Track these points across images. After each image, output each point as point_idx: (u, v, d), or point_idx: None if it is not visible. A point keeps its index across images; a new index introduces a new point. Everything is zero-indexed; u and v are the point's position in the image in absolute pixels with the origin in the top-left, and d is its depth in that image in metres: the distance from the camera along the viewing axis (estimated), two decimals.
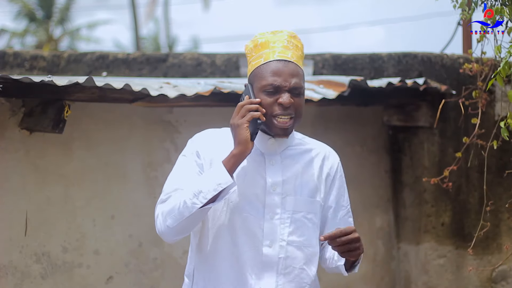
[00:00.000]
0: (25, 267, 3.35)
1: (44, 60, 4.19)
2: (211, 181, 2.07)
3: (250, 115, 2.11)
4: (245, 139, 2.09)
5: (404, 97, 3.88)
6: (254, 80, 2.18)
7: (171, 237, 2.14)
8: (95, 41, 23.23)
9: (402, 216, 4.14)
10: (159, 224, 2.12)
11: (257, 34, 2.23)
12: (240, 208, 2.16)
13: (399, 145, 4.16)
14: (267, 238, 2.16)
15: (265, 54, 2.17)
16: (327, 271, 2.36)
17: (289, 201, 2.19)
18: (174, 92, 3.23)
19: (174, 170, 2.20)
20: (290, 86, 2.15)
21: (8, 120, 3.30)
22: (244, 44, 2.27)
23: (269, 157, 2.21)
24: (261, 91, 2.15)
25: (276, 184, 2.18)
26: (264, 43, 2.19)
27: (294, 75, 2.16)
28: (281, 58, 2.16)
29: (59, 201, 3.47)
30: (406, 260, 4.13)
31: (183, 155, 2.21)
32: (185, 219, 2.07)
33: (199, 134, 2.25)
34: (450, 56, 3.96)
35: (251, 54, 2.21)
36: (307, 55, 4.24)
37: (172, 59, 4.27)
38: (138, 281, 3.64)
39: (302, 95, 2.20)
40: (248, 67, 2.23)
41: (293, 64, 2.18)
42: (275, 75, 2.14)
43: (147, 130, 3.73)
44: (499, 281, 3.84)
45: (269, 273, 2.16)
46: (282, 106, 2.14)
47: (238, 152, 2.09)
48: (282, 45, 2.18)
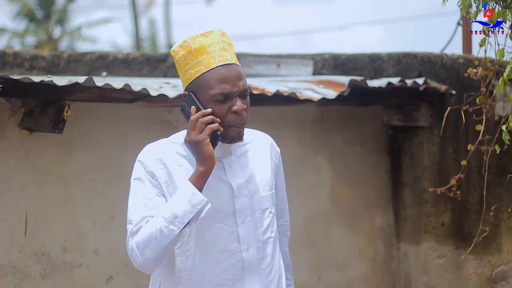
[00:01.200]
0: (25, 267, 3.35)
1: (44, 60, 4.19)
2: (185, 204, 2.00)
3: (209, 128, 2.04)
4: (210, 154, 2.03)
5: (404, 97, 3.88)
6: (198, 89, 2.09)
7: (151, 268, 2.09)
8: (93, 41, 23.22)
9: (402, 216, 4.14)
10: (137, 258, 2.05)
11: (187, 39, 2.13)
12: (210, 220, 2.10)
13: (399, 145, 4.16)
14: (244, 243, 2.14)
15: (204, 61, 2.08)
16: None
17: (255, 200, 2.17)
18: (174, 92, 3.23)
19: (133, 197, 2.11)
20: (240, 90, 2.08)
21: (8, 120, 3.29)
22: (172, 49, 2.17)
23: (226, 161, 2.16)
24: (210, 101, 2.07)
25: (241, 186, 2.15)
26: (199, 49, 2.09)
27: (240, 77, 2.09)
28: (224, 63, 2.08)
29: (59, 201, 3.46)
30: (406, 260, 4.13)
31: (136, 178, 2.12)
32: (164, 248, 2.02)
33: (144, 153, 2.16)
34: (450, 56, 3.96)
35: (185, 61, 2.12)
36: (307, 55, 4.24)
37: (172, 59, 4.27)
38: (138, 281, 3.64)
39: (247, 95, 2.13)
40: (184, 75, 2.14)
41: (235, 65, 2.11)
42: (223, 82, 2.06)
43: (147, 130, 3.72)
44: (499, 281, 3.84)
45: (252, 276, 2.15)
46: (236, 114, 2.08)
47: (205, 169, 2.03)
48: (218, 47, 2.10)
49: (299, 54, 4.25)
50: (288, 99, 3.43)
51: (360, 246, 4.20)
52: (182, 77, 2.17)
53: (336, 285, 4.07)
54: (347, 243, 4.14)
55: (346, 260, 4.16)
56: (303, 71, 4.17)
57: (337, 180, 4.15)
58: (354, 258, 4.19)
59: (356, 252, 4.20)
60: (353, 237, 4.18)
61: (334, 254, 4.12)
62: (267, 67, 4.15)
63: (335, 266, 4.10)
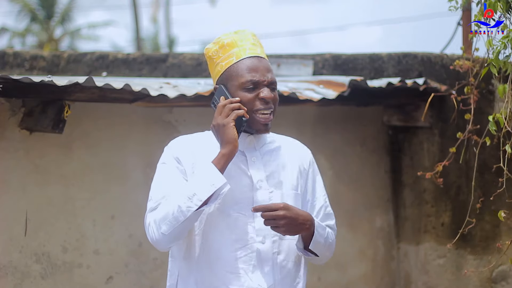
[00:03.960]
0: (25, 267, 3.35)
1: (44, 60, 4.19)
2: (204, 183, 2.05)
3: (234, 113, 2.11)
4: (233, 137, 2.09)
5: (404, 97, 3.88)
6: (228, 79, 2.18)
7: (166, 244, 2.12)
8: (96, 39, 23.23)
9: (402, 216, 4.14)
10: (152, 233, 2.10)
11: (221, 35, 2.22)
12: (228, 209, 2.16)
13: (399, 145, 4.16)
14: (259, 235, 2.17)
15: (235, 53, 2.18)
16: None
17: (275, 195, 2.20)
18: (174, 92, 3.23)
19: (156, 178, 2.18)
20: (268, 80, 2.17)
21: (8, 120, 3.30)
22: (206, 48, 2.25)
23: (250, 154, 2.22)
24: (239, 89, 2.16)
25: (262, 180, 2.20)
26: (231, 43, 2.19)
27: (269, 70, 2.19)
28: (254, 55, 2.18)
29: (59, 201, 3.47)
30: (406, 260, 4.13)
31: (162, 162, 2.20)
32: (180, 224, 2.06)
33: (175, 141, 2.23)
34: (450, 56, 3.96)
35: (218, 55, 2.20)
36: (307, 55, 4.24)
37: (172, 59, 4.27)
38: (138, 281, 3.65)
39: (276, 90, 2.22)
40: (216, 68, 2.22)
41: (265, 60, 2.21)
42: (252, 71, 2.15)
43: (147, 130, 3.73)
44: (499, 281, 3.84)
45: (265, 269, 2.17)
46: (264, 101, 2.15)
47: (228, 152, 2.09)
48: (249, 42, 2.20)
49: (299, 54, 4.25)
50: (288, 99, 3.43)
51: (360, 246, 4.20)
52: (213, 72, 2.24)
53: (336, 285, 4.07)
54: (347, 243, 4.14)
55: (346, 260, 4.16)
56: (303, 71, 4.17)
57: (337, 180, 4.15)
58: (354, 258, 4.19)
59: (356, 252, 4.20)
60: (353, 237, 4.18)
61: (334, 254, 4.10)
62: None
63: (335, 266, 4.10)
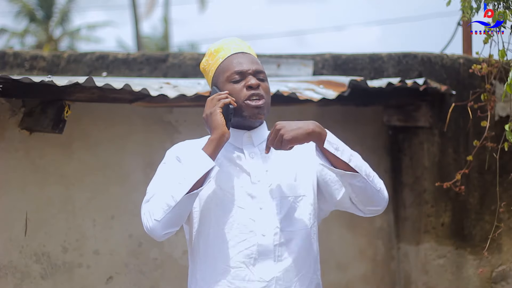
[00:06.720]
0: (25, 267, 3.35)
1: (44, 60, 4.19)
2: (193, 167, 2.11)
3: (221, 102, 2.18)
4: (220, 123, 2.16)
5: (404, 97, 3.88)
6: (217, 78, 2.27)
7: (160, 231, 2.13)
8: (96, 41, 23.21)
9: (402, 216, 4.14)
10: (146, 221, 2.13)
11: (209, 46, 2.33)
12: (228, 205, 2.19)
13: (399, 145, 4.16)
14: (260, 228, 2.18)
15: (222, 55, 2.28)
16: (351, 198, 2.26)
17: (275, 188, 2.22)
18: (174, 92, 3.23)
19: (155, 176, 2.23)
20: (254, 69, 2.24)
21: (8, 120, 3.30)
22: (200, 65, 2.37)
23: (248, 151, 2.26)
24: (227, 82, 2.24)
25: (260, 175, 2.22)
26: (217, 48, 2.30)
27: (255, 62, 2.27)
28: (239, 51, 2.27)
29: (59, 201, 3.47)
30: (406, 260, 4.13)
31: (163, 163, 2.26)
32: (172, 209, 2.09)
33: (177, 144, 2.32)
34: (450, 56, 3.96)
35: (208, 63, 2.31)
36: (307, 55, 4.24)
37: (172, 59, 4.26)
38: (138, 281, 3.64)
39: (266, 81, 2.27)
40: (208, 75, 2.32)
41: (251, 55, 2.29)
42: (237, 64, 2.24)
43: (147, 130, 3.73)
44: (499, 281, 3.84)
45: (266, 262, 2.18)
46: (251, 88, 2.21)
47: (216, 137, 2.15)
48: (234, 43, 2.30)
49: (299, 54, 4.25)
50: (288, 99, 3.43)
51: (360, 246, 4.20)
52: (208, 79, 2.34)
53: (336, 285, 4.07)
54: (347, 243, 4.14)
55: (346, 260, 4.16)
56: (303, 71, 4.17)
57: None
58: (354, 258, 4.19)
59: (356, 252, 4.20)
60: (353, 237, 4.18)
61: (334, 254, 4.12)
62: (267, 67, 4.15)
63: (335, 266, 4.10)
